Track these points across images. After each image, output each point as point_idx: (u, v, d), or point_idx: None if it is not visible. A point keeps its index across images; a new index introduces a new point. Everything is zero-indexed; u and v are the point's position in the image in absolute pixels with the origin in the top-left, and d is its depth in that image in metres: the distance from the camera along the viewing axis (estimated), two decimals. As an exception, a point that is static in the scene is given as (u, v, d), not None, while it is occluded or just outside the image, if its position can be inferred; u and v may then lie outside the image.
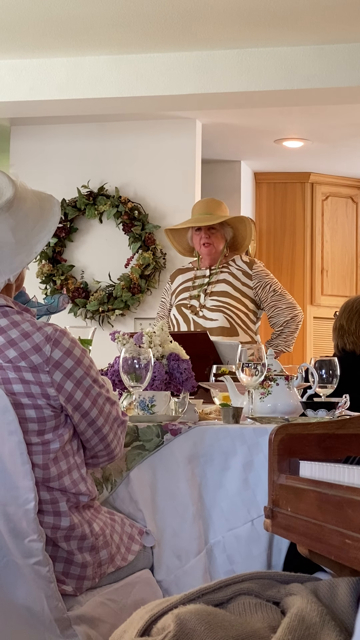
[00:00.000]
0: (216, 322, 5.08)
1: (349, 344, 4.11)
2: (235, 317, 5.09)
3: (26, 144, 7.34)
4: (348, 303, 4.24)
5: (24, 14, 5.53)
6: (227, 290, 5.12)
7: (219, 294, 5.13)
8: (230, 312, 5.09)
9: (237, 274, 5.16)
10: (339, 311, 4.23)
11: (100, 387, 2.44)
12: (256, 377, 2.93)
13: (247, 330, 5.13)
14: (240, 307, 5.10)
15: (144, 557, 2.68)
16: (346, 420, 2.13)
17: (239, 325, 5.09)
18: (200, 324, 5.09)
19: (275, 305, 5.16)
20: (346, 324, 4.14)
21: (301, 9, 5.37)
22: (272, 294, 5.16)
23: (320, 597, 1.76)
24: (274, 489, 2.05)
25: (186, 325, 5.14)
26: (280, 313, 5.14)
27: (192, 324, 5.12)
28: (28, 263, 2.42)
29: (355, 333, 4.10)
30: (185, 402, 3.06)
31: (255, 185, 8.75)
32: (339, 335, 4.17)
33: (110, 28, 5.75)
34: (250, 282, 5.15)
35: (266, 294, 5.15)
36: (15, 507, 2.25)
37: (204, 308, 5.14)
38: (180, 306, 5.20)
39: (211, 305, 5.11)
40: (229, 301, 5.10)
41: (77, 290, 7.13)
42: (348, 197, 8.90)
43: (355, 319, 4.13)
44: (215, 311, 5.10)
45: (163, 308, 5.39)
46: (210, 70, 6.10)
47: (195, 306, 5.15)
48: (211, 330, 5.01)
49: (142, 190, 7.20)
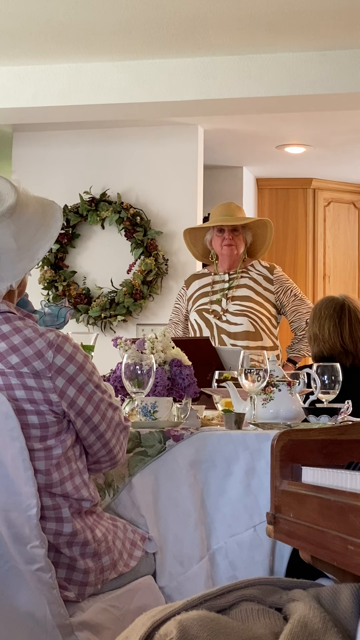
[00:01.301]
0: (241, 326, 5.06)
1: (326, 352, 4.03)
2: (259, 321, 5.07)
3: (28, 150, 7.35)
4: (315, 309, 4.13)
5: (26, 20, 5.54)
6: (250, 295, 5.10)
7: (241, 299, 5.11)
8: (255, 316, 5.07)
9: (258, 279, 5.14)
10: (309, 320, 4.16)
11: (103, 393, 2.44)
12: (258, 383, 2.93)
13: (270, 335, 5.12)
14: (263, 311, 5.09)
15: (147, 563, 2.68)
16: (348, 426, 2.13)
17: (262, 329, 5.08)
18: (225, 329, 5.07)
19: (297, 310, 5.14)
20: (319, 331, 4.07)
21: (303, 15, 5.37)
22: (294, 299, 5.16)
23: (323, 603, 1.76)
24: (276, 495, 2.05)
25: (209, 330, 5.11)
26: (302, 317, 5.13)
27: (216, 329, 5.09)
28: (30, 269, 2.42)
29: (330, 340, 4.04)
30: (188, 408, 3.06)
31: (257, 191, 8.75)
32: (314, 344, 4.09)
33: (112, 34, 5.75)
34: (272, 286, 5.14)
35: (288, 299, 5.14)
36: (17, 513, 2.25)
37: (227, 313, 5.11)
38: (202, 311, 5.16)
39: (235, 310, 5.09)
40: (253, 305, 5.08)
41: (79, 296, 7.13)
42: (350, 203, 8.90)
43: (325, 324, 4.06)
44: (240, 315, 5.07)
45: (177, 314, 5.32)
46: (212, 76, 6.10)
47: (218, 311, 5.12)
48: (236, 335, 5.01)
49: (144, 196, 7.20)
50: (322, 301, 4.18)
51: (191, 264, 6.96)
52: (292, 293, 5.16)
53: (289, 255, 8.65)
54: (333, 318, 4.05)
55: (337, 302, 4.12)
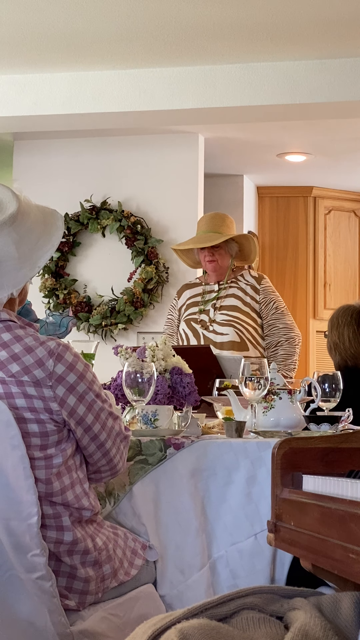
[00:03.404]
0: (227, 336, 5.04)
1: (350, 360, 4.02)
2: (245, 331, 5.05)
3: (29, 159, 7.36)
4: (333, 318, 4.10)
5: (27, 29, 5.55)
6: (237, 305, 5.08)
7: (228, 308, 5.09)
8: (241, 326, 5.05)
9: (246, 289, 5.12)
10: (328, 329, 4.13)
11: (103, 402, 2.44)
12: (259, 391, 2.92)
13: (257, 345, 5.08)
14: (250, 321, 5.07)
15: (147, 571, 2.68)
16: (349, 434, 2.12)
17: (249, 340, 5.05)
18: (211, 339, 5.04)
19: (273, 325, 5.08)
20: (339, 339, 4.07)
21: (304, 23, 5.38)
22: (274, 312, 5.07)
23: (324, 612, 1.76)
24: (277, 503, 2.04)
25: (196, 340, 5.08)
26: (275, 332, 5.05)
27: (202, 339, 5.07)
28: (31, 277, 2.42)
29: (352, 347, 4.00)
30: (188, 416, 3.06)
31: (257, 199, 8.76)
32: (336, 353, 4.08)
33: (113, 43, 5.77)
34: (258, 296, 5.10)
35: (268, 311, 5.08)
36: (18, 522, 2.24)
37: (214, 323, 5.09)
38: (190, 321, 5.14)
39: (221, 320, 5.07)
40: (239, 316, 5.06)
41: (80, 304, 7.13)
42: (351, 211, 8.91)
43: (345, 332, 4.03)
44: (226, 325, 5.05)
45: (170, 325, 5.29)
46: (213, 84, 6.11)
47: (205, 321, 5.11)
48: (222, 345, 4.99)
49: (144, 205, 7.21)
50: (338, 310, 4.14)
51: (192, 272, 6.96)
52: (274, 305, 5.08)
53: (289, 263, 8.66)
54: (352, 325, 4.01)
55: (354, 309, 4.08)
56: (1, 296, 2.37)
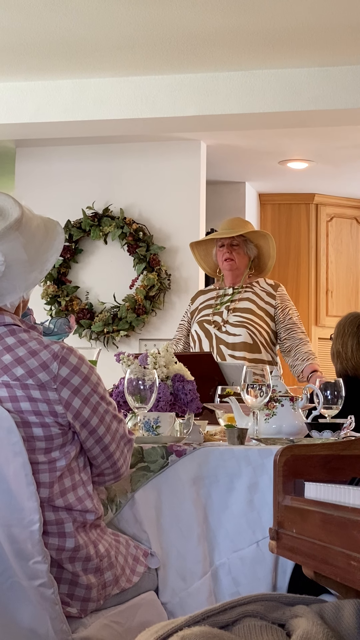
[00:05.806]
0: (239, 337, 5.04)
1: (350, 371, 3.99)
2: (258, 334, 5.05)
3: (31, 166, 7.37)
4: (339, 325, 4.08)
5: (29, 36, 5.57)
6: (251, 308, 5.08)
7: (242, 311, 5.09)
8: (254, 328, 5.05)
9: (261, 294, 5.12)
10: (333, 335, 4.12)
11: (108, 405, 2.44)
12: (261, 398, 2.92)
13: (269, 349, 5.09)
14: (264, 325, 5.07)
15: (149, 578, 2.68)
16: (351, 441, 2.12)
17: (261, 343, 5.05)
18: (223, 339, 5.05)
19: (290, 329, 5.10)
20: (342, 348, 4.05)
21: (305, 31, 5.39)
22: (290, 317, 5.09)
23: (326, 619, 1.75)
24: (279, 510, 2.04)
25: (208, 340, 5.09)
26: (294, 336, 5.08)
27: (215, 339, 5.07)
28: (40, 280, 2.45)
29: (353, 358, 3.99)
30: (190, 423, 3.06)
31: (259, 206, 8.77)
32: (337, 361, 4.07)
33: (115, 50, 5.78)
34: (274, 301, 5.11)
35: (284, 317, 5.10)
36: (20, 529, 2.24)
37: (227, 324, 5.09)
38: (203, 322, 5.13)
39: (234, 321, 5.07)
40: (253, 318, 5.06)
41: (81, 311, 7.14)
42: (352, 218, 8.91)
43: (349, 342, 4.00)
44: (239, 326, 5.05)
45: (181, 330, 5.30)
46: (215, 91, 6.12)
47: (218, 322, 5.11)
48: (234, 346, 4.99)
49: (146, 212, 7.21)
50: (346, 318, 4.12)
51: (194, 279, 6.97)
52: (288, 312, 5.11)
53: (291, 270, 8.66)
54: (356, 336, 3.99)
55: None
56: (14, 299, 2.40)
